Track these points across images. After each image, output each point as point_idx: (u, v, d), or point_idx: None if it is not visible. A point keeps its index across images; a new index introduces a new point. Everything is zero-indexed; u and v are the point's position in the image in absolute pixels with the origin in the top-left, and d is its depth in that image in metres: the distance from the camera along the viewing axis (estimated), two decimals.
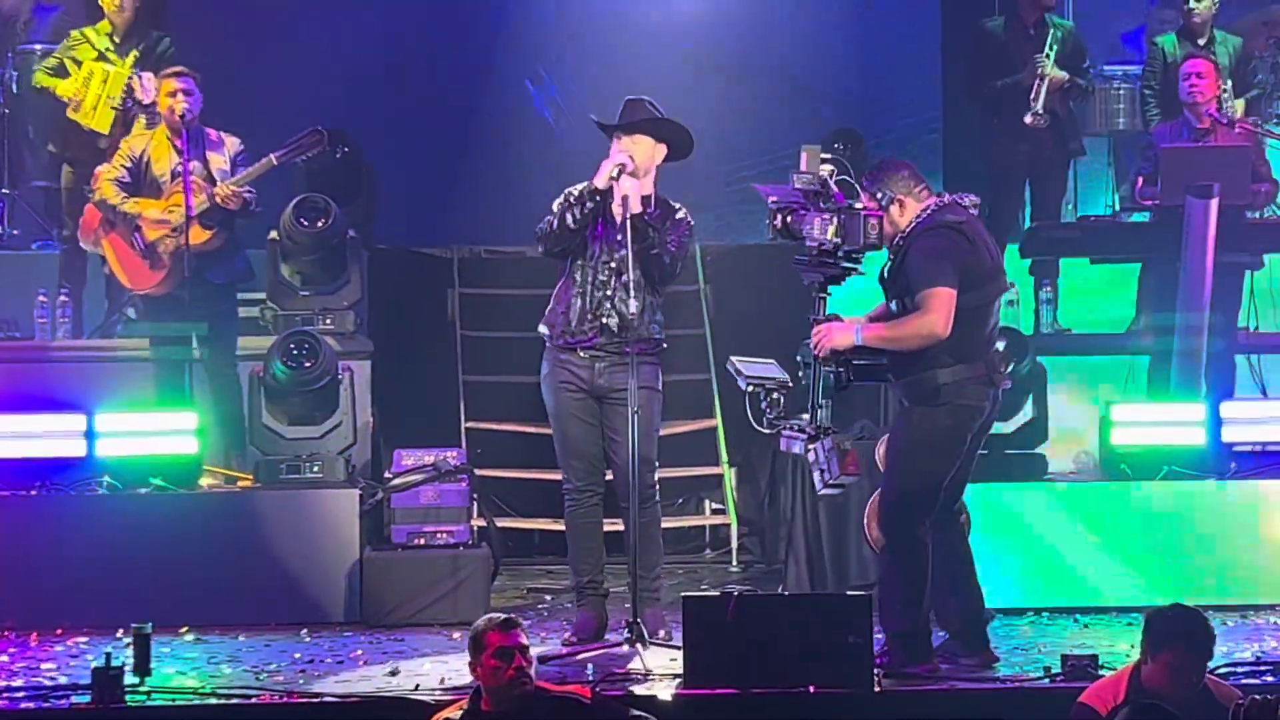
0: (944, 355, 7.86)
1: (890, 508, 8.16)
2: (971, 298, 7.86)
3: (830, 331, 7.98)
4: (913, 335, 7.82)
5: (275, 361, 9.93)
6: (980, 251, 7.95)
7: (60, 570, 9.42)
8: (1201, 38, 11.69)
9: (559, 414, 8.85)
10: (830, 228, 7.85)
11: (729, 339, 11.86)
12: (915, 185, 7.99)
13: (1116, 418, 10.11)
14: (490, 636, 6.59)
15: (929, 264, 7.80)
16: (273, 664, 8.50)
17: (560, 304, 8.83)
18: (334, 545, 9.64)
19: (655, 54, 12.17)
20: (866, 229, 7.80)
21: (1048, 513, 9.86)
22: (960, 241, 7.88)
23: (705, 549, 11.85)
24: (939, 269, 7.78)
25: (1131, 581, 9.64)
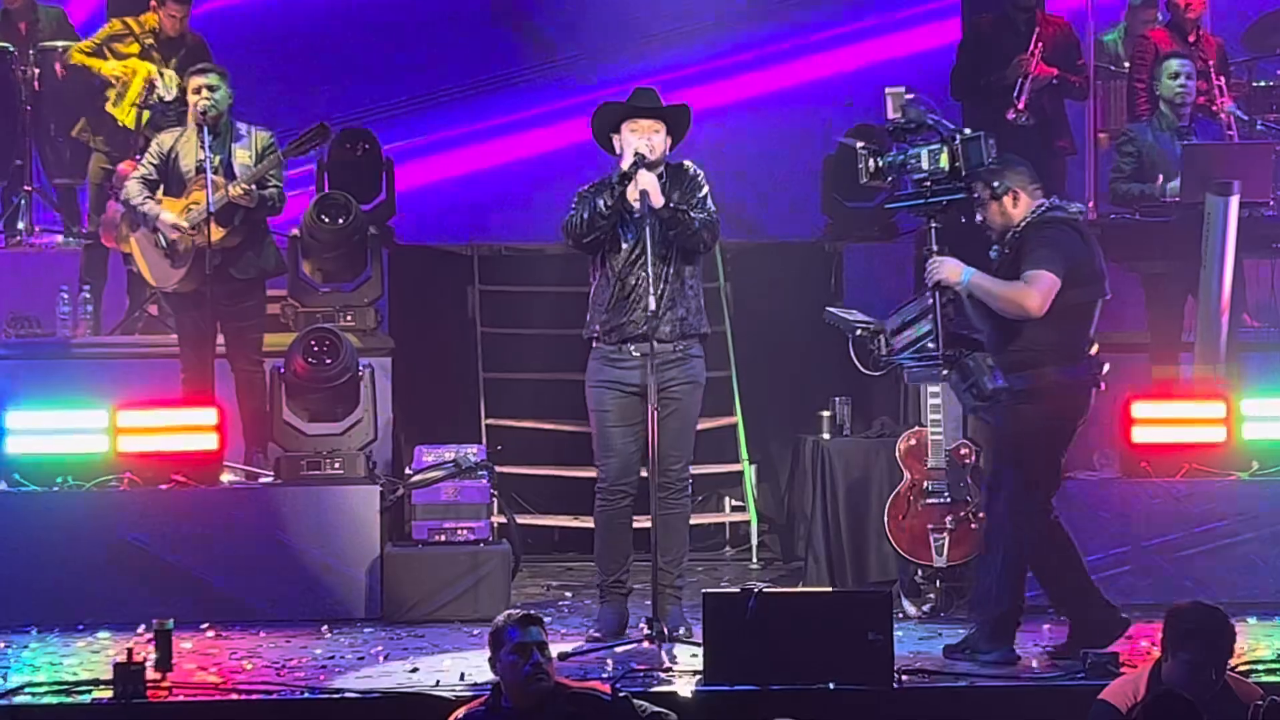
0: (1052, 353, 8.06)
1: (1002, 503, 8.25)
2: (1080, 294, 8.10)
3: (943, 265, 8.12)
4: (1011, 300, 8.03)
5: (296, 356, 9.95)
6: (1092, 249, 8.21)
7: (82, 566, 9.45)
8: (1191, 34, 11.65)
9: (600, 411, 8.84)
10: (941, 156, 8.02)
11: (749, 336, 11.89)
12: (1031, 183, 8.25)
13: (1137, 415, 10.08)
14: (509, 632, 6.60)
15: (1042, 250, 8.03)
16: (294, 660, 8.52)
17: (600, 303, 8.82)
18: (355, 542, 9.66)
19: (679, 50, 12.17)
20: (987, 148, 7.99)
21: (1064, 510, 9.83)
22: (1074, 236, 8.16)
23: (725, 546, 11.86)
24: (1050, 256, 8.01)
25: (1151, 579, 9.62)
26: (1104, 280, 8.29)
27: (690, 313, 8.79)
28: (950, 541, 9.52)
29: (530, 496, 11.57)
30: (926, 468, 9.58)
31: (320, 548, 9.62)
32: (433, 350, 11.81)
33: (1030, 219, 8.19)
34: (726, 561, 11.59)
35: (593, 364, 8.91)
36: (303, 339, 10.04)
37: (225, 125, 10.20)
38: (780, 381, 11.86)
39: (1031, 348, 8.08)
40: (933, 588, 9.58)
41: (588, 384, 8.92)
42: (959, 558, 9.54)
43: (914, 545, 9.56)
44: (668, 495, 8.74)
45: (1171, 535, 9.73)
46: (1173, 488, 9.84)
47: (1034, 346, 8.08)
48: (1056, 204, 8.30)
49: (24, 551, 9.46)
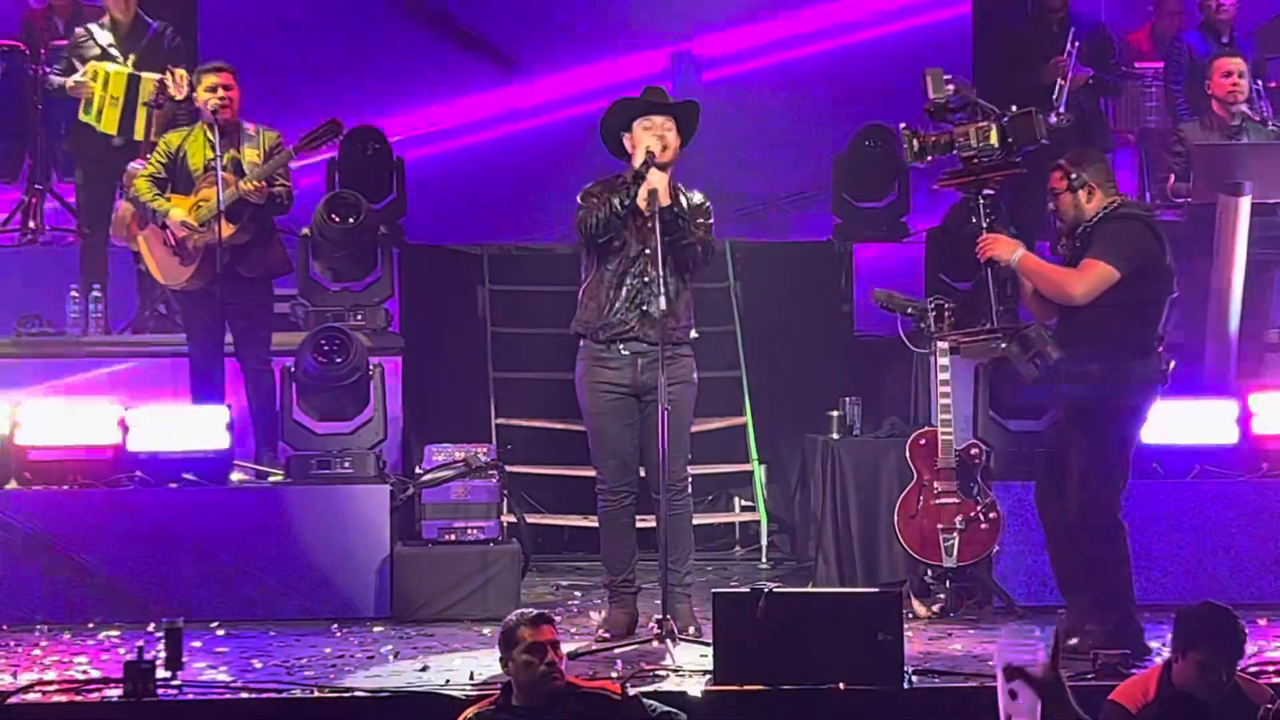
0: (1126, 347, 8.18)
1: (1093, 499, 8.31)
2: (1151, 290, 8.22)
3: (995, 242, 8.31)
4: (1056, 284, 8.22)
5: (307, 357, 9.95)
6: (1163, 246, 8.27)
7: (92, 565, 9.46)
8: (1225, 35, 11.64)
9: (595, 414, 8.85)
10: (990, 133, 8.19)
11: (758, 336, 11.89)
12: (1108, 179, 8.35)
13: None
14: (522, 632, 6.59)
15: (1106, 242, 8.14)
16: (303, 659, 8.52)
17: (594, 301, 8.83)
18: (365, 541, 9.66)
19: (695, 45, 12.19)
20: (1039, 125, 8.21)
21: None
22: (1145, 232, 8.25)
23: (735, 546, 11.86)
24: (1113, 250, 8.11)
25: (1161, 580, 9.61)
26: (1174, 278, 8.38)
27: (679, 320, 8.79)
28: (960, 542, 9.52)
29: (539, 496, 11.57)
30: (936, 468, 9.57)
31: (330, 547, 9.62)
32: (443, 350, 11.81)
33: (1099, 215, 8.26)
34: (736, 561, 11.59)
35: (581, 364, 8.90)
36: (313, 338, 10.04)
37: (233, 124, 10.20)
38: (790, 381, 11.86)
39: (1106, 341, 8.18)
40: (942, 588, 9.57)
41: (578, 384, 8.92)
42: (969, 558, 9.55)
43: (924, 545, 9.56)
44: (669, 496, 8.73)
45: (1182, 536, 9.72)
46: (1183, 488, 9.84)
47: (1108, 340, 8.18)
48: (1129, 200, 8.44)
49: (33, 549, 9.46)
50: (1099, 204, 8.28)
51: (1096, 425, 8.24)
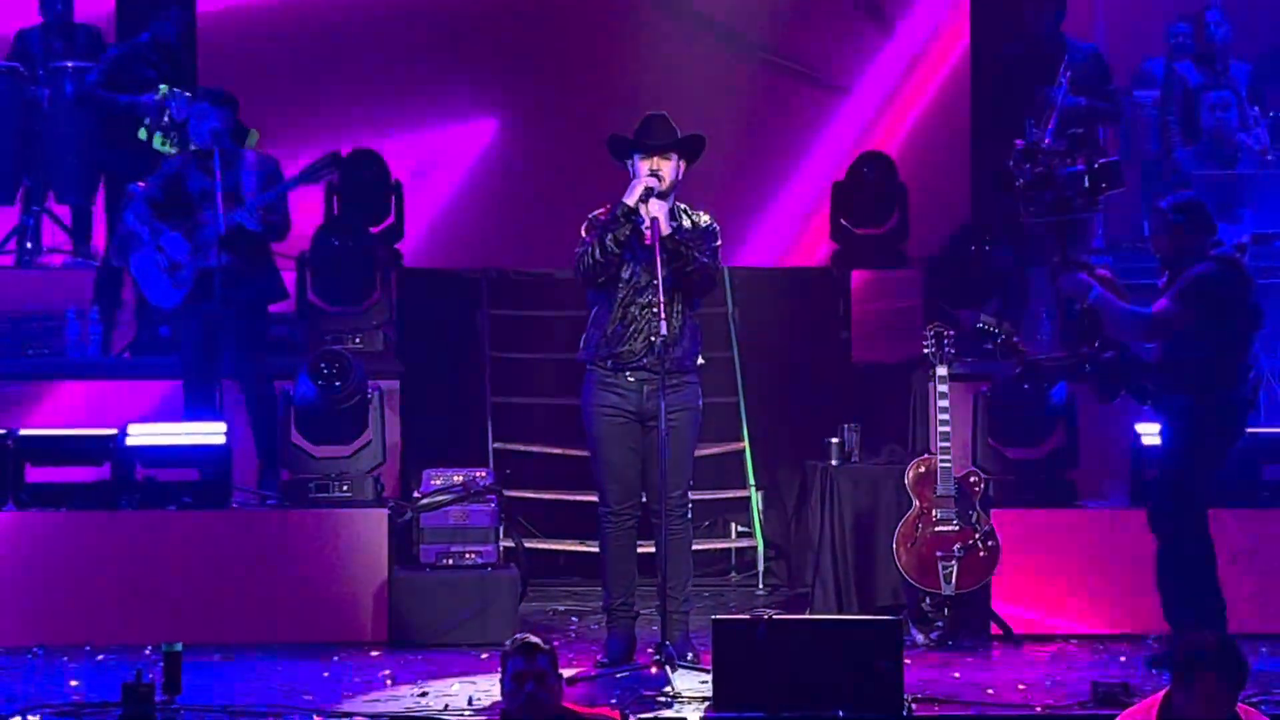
0: (1223, 376, 8.74)
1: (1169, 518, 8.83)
2: (1233, 326, 8.74)
3: (1072, 280, 8.90)
4: (1123, 321, 8.81)
5: (305, 380, 9.94)
6: (1247, 285, 8.80)
7: (90, 588, 9.46)
8: (1219, 63, 11.67)
9: (600, 438, 8.85)
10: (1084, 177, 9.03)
11: (757, 362, 11.89)
12: (1203, 220, 8.83)
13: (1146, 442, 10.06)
14: (511, 659, 6.54)
15: (1184, 284, 8.69)
16: (301, 683, 8.50)
17: (599, 328, 8.84)
18: (363, 565, 9.65)
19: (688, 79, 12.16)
20: (1118, 173, 9.08)
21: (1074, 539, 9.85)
22: (1230, 273, 8.75)
23: (731, 572, 11.85)
24: (1186, 292, 8.67)
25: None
26: (1259, 315, 8.88)
27: (685, 349, 8.80)
28: (959, 569, 9.51)
29: (536, 521, 11.56)
30: (935, 495, 9.57)
31: (328, 571, 9.62)
32: (441, 374, 11.80)
33: (1190, 255, 8.74)
34: (732, 587, 11.58)
35: (587, 388, 8.92)
36: (313, 361, 10.03)
37: (233, 150, 10.21)
38: (787, 407, 11.86)
39: (1192, 372, 8.72)
40: (941, 615, 9.57)
41: (584, 409, 8.93)
42: (967, 585, 9.54)
43: (922, 572, 9.55)
44: (668, 522, 8.73)
45: None
46: None
47: (1194, 371, 8.72)
48: (1224, 243, 8.92)
49: (31, 572, 9.46)
50: (1188, 245, 8.75)
51: (1182, 452, 8.77)
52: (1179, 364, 8.80)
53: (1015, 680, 8.57)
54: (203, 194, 10.12)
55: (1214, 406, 8.77)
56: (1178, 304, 8.69)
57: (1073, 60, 11.61)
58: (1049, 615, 9.76)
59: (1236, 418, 8.86)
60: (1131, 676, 8.27)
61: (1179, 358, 8.79)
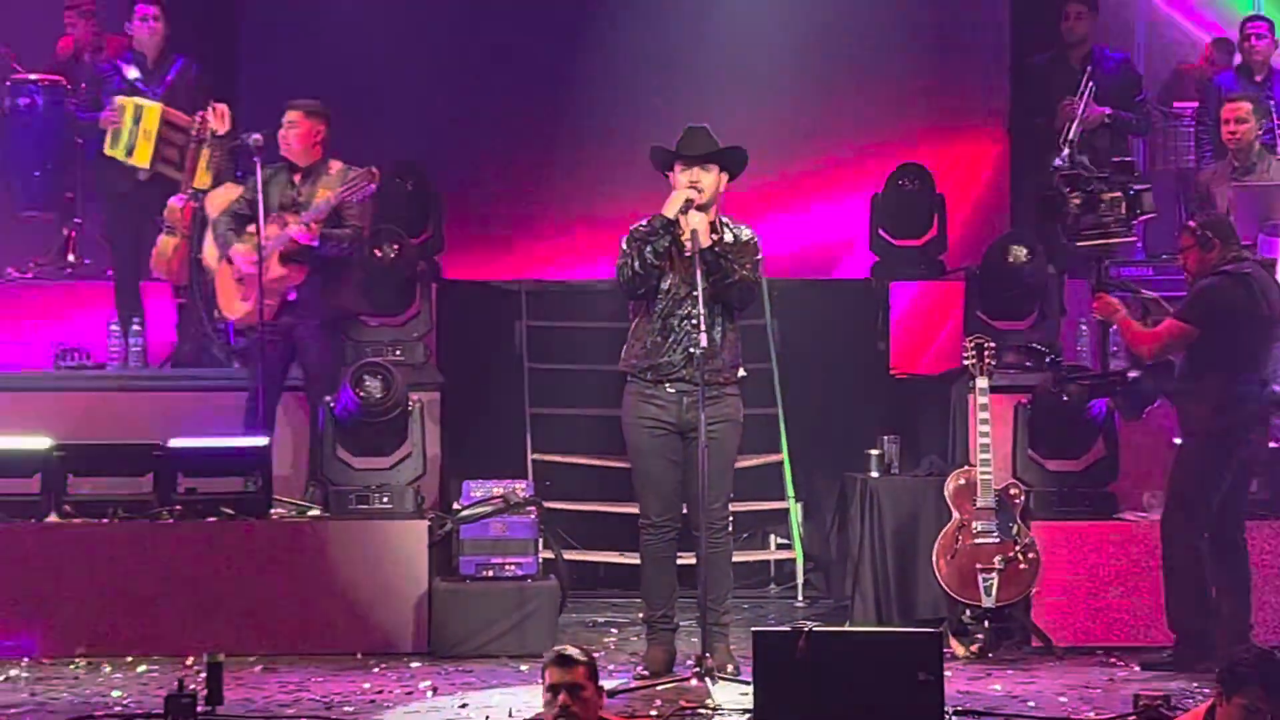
0: (1232, 389, 9.04)
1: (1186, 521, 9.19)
2: (1242, 339, 9.04)
3: (1105, 302, 9.39)
4: (1130, 341, 9.39)
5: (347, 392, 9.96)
6: (1255, 300, 9.05)
7: (132, 598, 9.49)
8: (1260, 74, 11.63)
9: (640, 450, 8.86)
10: (1120, 203, 9.45)
11: (795, 373, 11.87)
12: (1230, 238, 9.20)
13: None
14: (548, 670, 6.51)
15: (1191, 299, 9.15)
16: (342, 694, 8.52)
17: (639, 339, 8.85)
18: (403, 576, 9.68)
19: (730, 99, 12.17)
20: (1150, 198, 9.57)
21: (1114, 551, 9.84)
22: (1236, 290, 9.04)
23: (770, 584, 11.84)
24: (1189, 306, 9.13)
25: None
26: (1270, 326, 9.13)
27: (726, 361, 8.81)
28: (999, 581, 9.50)
29: (575, 532, 11.56)
30: (975, 507, 9.56)
31: (368, 582, 9.65)
32: (480, 385, 11.81)
33: (1211, 269, 9.08)
34: (771, 599, 11.57)
35: (628, 400, 8.93)
36: (354, 373, 10.05)
37: (316, 163, 10.24)
38: (827, 419, 11.84)
39: (1208, 383, 9.07)
40: (981, 628, 9.55)
41: (624, 420, 8.95)
42: (1008, 598, 9.53)
43: (962, 585, 9.54)
44: (709, 534, 8.74)
45: None
46: None
47: (1209, 384, 9.06)
48: (1242, 259, 9.14)
49: (74, 582, 9.50)
50: (1211, 261, 9.09)
51: (1194, 462, 9.12)
52: (1190, 378, 9.17)
53: (1057, 693, 8.56)
54: (281, 207, 10.17)
55: (1224, 420, 9.04)
56: (1182, 321, 9.09)
57: (1102, 70, 11.61)
58: (1090, 627, 9.74)
59: (1246, 431, 9.11)
60: (1173, 689, 8.23)
61: (1190, 372, 9.16)
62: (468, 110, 12.77)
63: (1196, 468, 9.18)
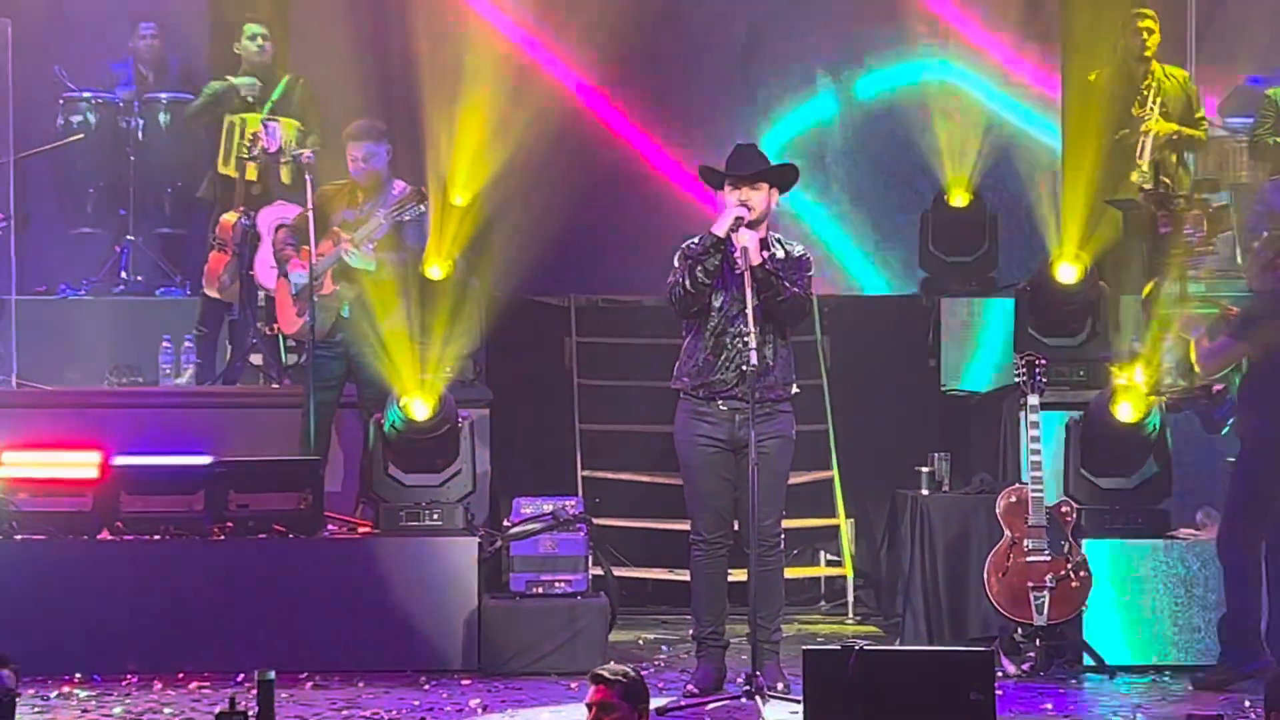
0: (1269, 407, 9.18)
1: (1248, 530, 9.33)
2: None
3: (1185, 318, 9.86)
4: (1198, 356, 9.47)
5: (394, 410, 9.98)
6: None
7: (184, 614, 9.52)
8: None
9: (692, 466, 8.86)
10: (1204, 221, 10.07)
11: (846, 390, 11.86)
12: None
13: None
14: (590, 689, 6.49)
15: (1237, 315, 9.32)
16: (392, 711, 8.54)
17: (692, 357, 8.85)
18: (453, 593, 9.69)
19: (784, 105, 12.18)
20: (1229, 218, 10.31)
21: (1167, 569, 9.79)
22: (1275, 305, 9.14)
23: (820, 601, 11.81)
24: (1236, 322, 9.28)
25: None
26: None
27: (779, 378, 8.80)
28: (1051, 600, 9.46)
29: (624, 549, 11.56)
30: (1027, 525, 9.52)
31: (418, 599, 9.66)
32: (530, 402, 11.82)
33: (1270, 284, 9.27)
34: (822, 616, 11.54)
35: (681, 417, 8.93)
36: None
37: (378, 182, 10.28)
38: (877, 436, 11.81)
39: (1260, 397, 9.25)
40: (1032, 646, 9.51)
41: (677, 437, 8.95)
42: (1059, 616, 9.49)
43: (1014, 603, 9.50)
44: (761, 551, 8.73)
45: None
46: None
47: (1261, 396, 9.24)
48: None
49: (127, 599, 9.54)
50: (1269, 281, 9.26)
51: (1250, 473, 9.26)
52: (1248, 390, 9.31)
53: (1109, 712, 8.53)
54: (343, 225, 10.21)
55: (1268, 433, 9.16)
56: (1233, 337, 9.25)
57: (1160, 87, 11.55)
58: (1142, 646, 9.69)
59: None
60: (1226, 708, 8.19)
61: (1247, 385, 9.32)
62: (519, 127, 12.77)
63: (1251, 478, 9.26)
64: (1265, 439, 9.19)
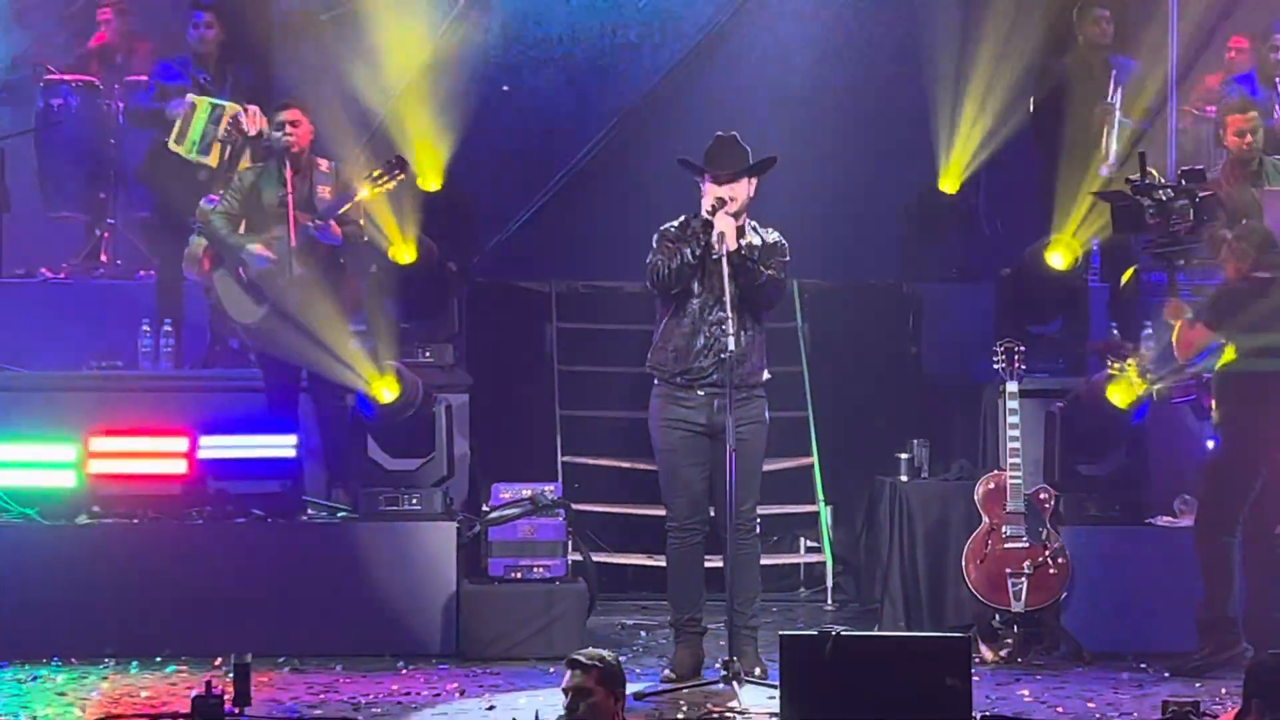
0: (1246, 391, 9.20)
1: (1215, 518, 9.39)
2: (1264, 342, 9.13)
3: (1176, 305, 9.53)
4: (1175, 344, 9.46)
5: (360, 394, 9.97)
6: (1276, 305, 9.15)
7: (160, 598, 9.53)
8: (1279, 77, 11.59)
9: (668, 452, 8.86)
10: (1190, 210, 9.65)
11: (826, 377, 11.86)
12: (1264, 242, 9.32)
13: None
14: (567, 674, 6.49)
15: (1208, 304, 9.37)
16: (370, 695, 8.53)
17: (668, 342, 8.85)
18: (431, 578, 9.70)
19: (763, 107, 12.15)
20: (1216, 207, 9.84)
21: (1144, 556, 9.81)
22: (1253, 295, 9.14)
23: (800, 587, 11.82)
24: (1205, 309, 9.32)
25: None
26: None
27: (754, 365, 8.81)
28: (1028, 586, 9.48)
29: (604, 534, 11.57)
30: (1005, 512, 9.54)
31: (397, 584, 9.67)
32: (510, 387, 11.82)
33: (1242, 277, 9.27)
34: (801, 602, 11.55)
35: (656, 402, 8.93)
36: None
37: (307, 161, 10.24)
38: (856, 422, 11.83)
39: (1229, 385, 9.26)
40: (1010, 632, 9.53)
41: (652, 422, 8.95)
42: (1037, 603, 9.51)
43: (991, 589, 9.52)
44: (737, 536, 8.74)
45: None
46: None
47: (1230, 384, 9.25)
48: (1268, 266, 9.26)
49: (104, 582, 9.53)
50: (1244, 270, 9.24)
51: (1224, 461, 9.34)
52: (1220, 380, 9.33)
53: (1085, 699, 8.53)
54: (280, 204, 10.15)
55: (1250, 419, 9.18)
56: (1210, 326, 9.26)
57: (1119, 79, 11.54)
58: (1119, 633, 9.70)
59: (1266, 432, 9.19)
60: (1203, 695, 8.20)
61: (1221, 375, 9.31)
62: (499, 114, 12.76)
63: (1225, 465, 9.31)
64: (1240, 428, 9.22)
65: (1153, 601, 9.74)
